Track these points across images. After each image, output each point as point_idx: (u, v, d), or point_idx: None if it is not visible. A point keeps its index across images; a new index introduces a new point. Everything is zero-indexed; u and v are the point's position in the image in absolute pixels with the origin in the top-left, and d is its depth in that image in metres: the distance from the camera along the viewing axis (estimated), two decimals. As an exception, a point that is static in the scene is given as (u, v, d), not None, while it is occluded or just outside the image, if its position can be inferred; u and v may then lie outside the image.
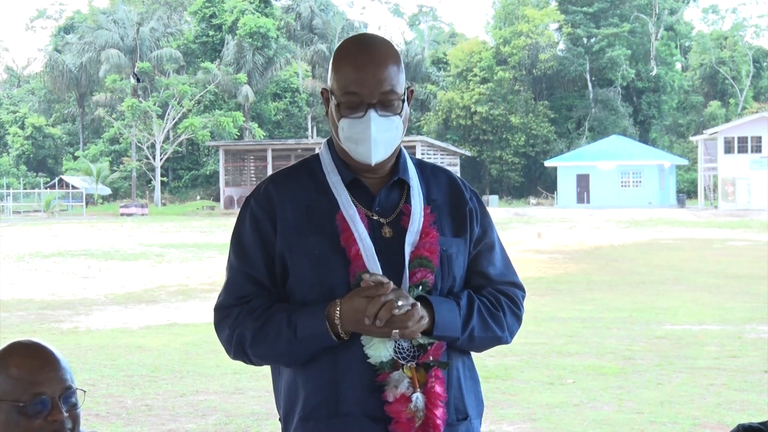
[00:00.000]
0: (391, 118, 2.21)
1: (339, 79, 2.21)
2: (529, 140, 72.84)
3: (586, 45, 77.00)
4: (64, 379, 2.23)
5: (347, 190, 2.25)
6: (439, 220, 2.27)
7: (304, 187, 2.28)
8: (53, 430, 2.19)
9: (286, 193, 2.28)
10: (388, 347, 2.16)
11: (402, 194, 2.28)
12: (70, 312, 13.92)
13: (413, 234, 2.22)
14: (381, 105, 2.20)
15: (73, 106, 78.08)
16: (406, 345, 2.17)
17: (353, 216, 2.21)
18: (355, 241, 2.19)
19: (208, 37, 72.30)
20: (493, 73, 73.06)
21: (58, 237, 32.29)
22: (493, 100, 72.57)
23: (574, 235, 31.94)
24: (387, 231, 2.23)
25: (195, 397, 7.92)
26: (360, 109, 2.19)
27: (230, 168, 63.59)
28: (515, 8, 75.41)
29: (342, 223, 2.21)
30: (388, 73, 2.21)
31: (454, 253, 2.27)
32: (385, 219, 2.25)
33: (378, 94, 2.19)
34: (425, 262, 2.21)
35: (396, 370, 2.16)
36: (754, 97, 79.75)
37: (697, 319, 12.54)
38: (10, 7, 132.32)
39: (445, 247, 2.25)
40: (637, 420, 7.07)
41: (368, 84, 2.19)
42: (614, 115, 74.58)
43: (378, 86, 2.19)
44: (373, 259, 2.17)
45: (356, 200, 2.24)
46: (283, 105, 74.88)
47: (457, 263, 2.27)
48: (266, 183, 2.31)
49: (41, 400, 2.18)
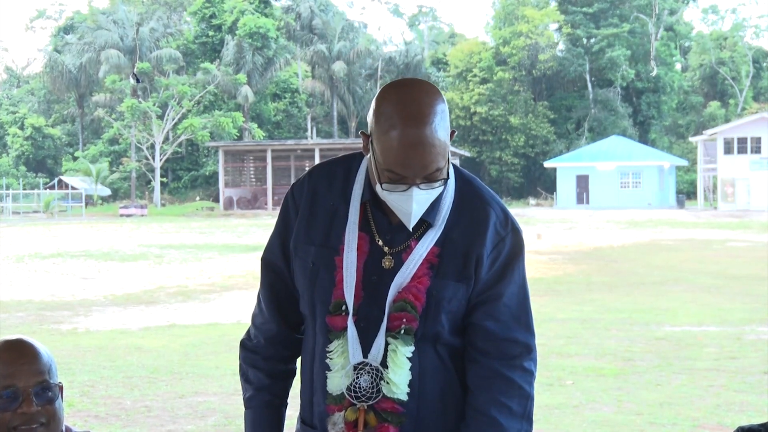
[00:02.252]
0: (433, 190, 2.10)
1: (382, 148, 2.07)
2: (529, 141, 72.85)
3: (586, 45, 77.01)
4: (39, 373, 2.22)
5: (368, 207, 2.19)
6: (446, 261, 2.14)
7: (333, 188, 2.25)
8: (23, 422, 2.18)
9: (314, 190, 2.26)
10: (344, 382, 2.13)
11: (419, 228, 2.16)
12: (69, 313, 13.91)
13: (404, 275, 2.13)
14: (425, 181, 2.08)
15: (73, 106, 78.05)
16: (364, 384, 2.11)
17: (351, 240, 2.16)
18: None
19: (208, 38, 72.29)
20: (493, 73, 73.07)
21: (57, 238, 32.28)
22: (493, 101, 72.58)
23: (574, 235, 31.93)
24: (387, 262, 2.16)
25: (194, 399, 7.91)
26: (402, 184, 2.08)
27: (230, 168, 63.56)
28: (515, 9, 75.43)
29: (344, 242, 2.18)
30: (435, 153, 2.05)
31: (447, 297, 2.13)
32: (389, 248, 2.17)
33: (422, 176, 2.07)
34: (408, 308, 2.11)
35: (341, 408, 2.13)
36: (754, 97, 79.76)
37: (697, 320, 12.54)
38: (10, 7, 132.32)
39: (437, 290, 2.13)
40: (637, 421, 7.07)
41: (413, 168, 2.05)
42: (614, 116, 74.58)
43: (423, 170, 2.06)
44: (351, 290, 2.13)
45: (372, 220, 2.19)
46: (282, 105, 74.87)
47: (447, 308, 2.14)
48: (307, 174, 2.30)
49: (11, 392, 2.19)
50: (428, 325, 2.13)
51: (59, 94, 78.15)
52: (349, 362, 2.12)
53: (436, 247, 2.15)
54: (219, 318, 13.29)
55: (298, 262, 2.23)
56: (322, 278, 2.18)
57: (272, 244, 2.33)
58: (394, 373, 2.11)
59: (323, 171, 2.29)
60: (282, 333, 2.33)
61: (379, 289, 2.14)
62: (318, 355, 2.20)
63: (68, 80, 73.60)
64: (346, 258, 2.15)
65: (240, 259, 23.14)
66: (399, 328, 2.11)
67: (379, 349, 2.12)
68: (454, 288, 2.15)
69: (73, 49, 74.23)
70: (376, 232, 2.18)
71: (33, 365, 2.23)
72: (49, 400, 2.22)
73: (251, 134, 68.86)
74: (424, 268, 2.13)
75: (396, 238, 2.17)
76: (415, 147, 2.04)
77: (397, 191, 2.08)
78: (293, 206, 2.28)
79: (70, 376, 8.66)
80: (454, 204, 2.19)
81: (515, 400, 2.15)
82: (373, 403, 2.11)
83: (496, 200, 2.23)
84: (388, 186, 2.08)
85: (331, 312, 2.16)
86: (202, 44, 72.65)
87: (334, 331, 2.15)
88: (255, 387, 2.36)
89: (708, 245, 27.11)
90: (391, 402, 2.11)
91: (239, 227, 38.98)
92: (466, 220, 2.18)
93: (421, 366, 2.14)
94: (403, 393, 2.11)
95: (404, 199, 2.08)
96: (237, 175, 64.93)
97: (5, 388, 2.19)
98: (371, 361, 2.12)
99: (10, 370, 2.21)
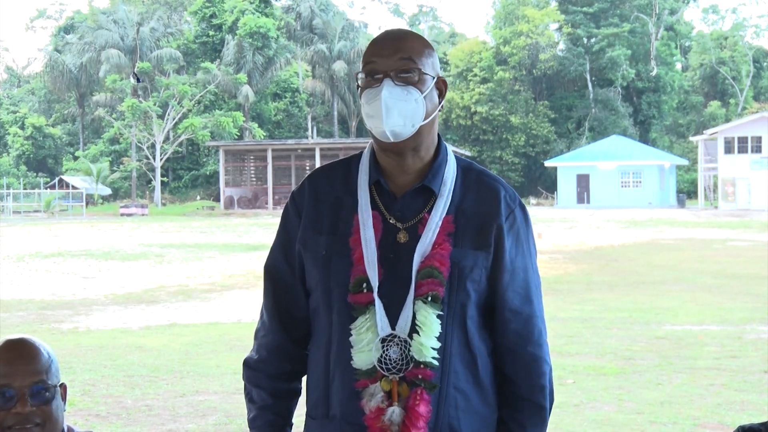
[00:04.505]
0: (407, 88, 2.17)
1: (363, 57, 2.23)
2: (529, 140, 72.85)
3: (586, 45, 77.01)
4: (36, 373, 2.22)
5: (373, 191, 2.24)
6: (461, 231, 2.19)
7: (335, 184, 2.29)
8: (17, 422, 2.18)
9: (317, 189, 2.30)
10: (374, 355, 2.14)
11: (428, 201, 2.22)
12: (70, 312, 13.92)
13: (425, 244, 2.16)
14: (398, 74, 2.17)
15: (73, 106, 78.06)
16: (394, 356, 2.13)
17: (366, 219, 2.19)
18: (361, 243, 2.17)
19: (208, 37, 72.30)
20: (493, 73, 73.08)
21: (58, 237, 32.29)
22: (493, 100, 72.59)
23: (574, 235, 31.92)
24: (402, 236, 2.19)
25: (195, 398, 7.92)
26: (377, 81, 2.18)
27: (230, 168, 63.56)
28: (515, 8, 75.42)
29: (356, 225, 2.20)
30: (407, 44, 2.20)
31: (468, 266, 2.18)
32: (402, 224, 2.21)
33: (395, 61, 2.18)
34: (435, 273, 2.15)
35: (374, 380, 2.13)
36: (754, 97, 79.77)
37: (697, 320, 12.54)
38: (10, 7, 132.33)
39: (458, 259, 2.17)
40: (637, 420, 7.07)
41: (384, 52, 2.19)
42: (614, 115, 74.57)
43: (395, 53, 2.18)
44: (374, 265, 2.15)
45: (379, 201, 2.23)
46: (283, 105, 74.87)
47: (471, 277, 2.18)
48: (306, 179, 2.35)
49: (5, 391, 2.19)
50: (453, 293, 2.16)
51: (60, 94, 78.18)
52: (377, 336, 2.13)
53: (450, 216, 2.20)
54: (220, 317, 13.29)
55: (308, 255, 2.24)
56: (336, 263, 2.19)
57: (275, 251, 2.34)
58: (425, 336, 2.13)
59: (322, 172, 2.34)
60: (285, 345, 2.32)
61: (397, 264, 2.17)
62: (336, 339, 2.19)
63: (69, 80, 73.63)
64: (363, 235, 2.17)
65: (240, 258, 23.15)
66: (426, 294, 2.14)
67: (406, 321, 2.14)
68: (473, 256, 2.18)
69: (73, 48, 74.25)
70: (385, 210, 2.22)
71: (30, 366, 2.22)
72: (45, 401, 2.22)
73: (252, 134, 68.87)
74: (442, 236, 2.17)
75: (406, 213, 2.21)
76: (389, 34, 2.24)
77: (373, 88, 2.17)
78: (294, 211, 2.30)
79: (71, 375, 8.66)
80: (459, 178, 2.25)
81: (546, 377, 2.27)
82: (403, 375, 2.13)
83: (500, 178, 2.32)
84: (366, 87, 2.18)
85: (352, 290, 2.16)
86: (203, 44, 72.66)
87: (359, 307, 2.16)
88: (258, 407, 2.34)
89: (708, 244, 27.11)
90: (422, 369, 2.13)
91: (240, 227, 38.98)
92: (474, 194, 2.25)
93: (447, 337, 2.16)
94: (433, 357, 2.13)
95: (376, 93, 2.16)
96: (237, 174, 64.94)
97: (1, 387, 2.19)
98: (399, 332, 2.13)
99: (7, 370, 2.21)
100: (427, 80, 2.20)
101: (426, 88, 2.20)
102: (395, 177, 2.24)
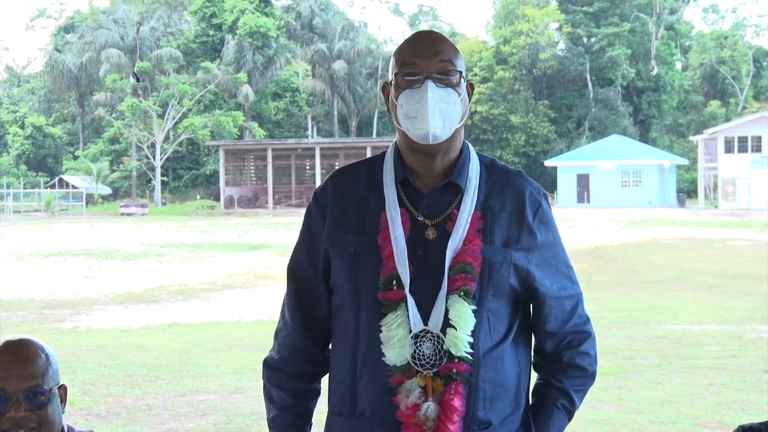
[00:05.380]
0: (448, 90, 2.20)
1: (398, 57, 2.24)
2: (530, 140, 72.83)
3: (587, 44, 76.99)
4: (31, 377, 2.21)
5: (399, 189, 2.24)
6: (489, 227, 2.22)
7: (359, 183, 2.29)
8: (11, 427, 2.18)
9: (340, 188, 2.30)
10: (407, 351, 2.14)
11: (455, 197, 2.24)
12: (70, 311, 13.92)
13: (456, 240, 2.18)
14: (438, 76, 2.20)
15: (73, 105, 78.04)
16: (427, 352, 2.14)
17: (395, 216, 2.20)
18: (390, 241, 2.18)
19: (208, 37, 72.28)
20: (493, 72, 73.06)
21: (58, 236, 32.28)
22: (493, 100, 72.57)
23: (575, 234, 31.92)
24: (431, 233, 2.20)
25: (195, 397, 7.92)
26: (418, 82, 2.19)
27: (230, 168, 63.55)
28: (515, 8, 75.41)
29: (383, 222, 2.21)
30: (445, 46, 2.24)
31: (498, 262, 2.20)
32: (431, 221, 2.22)
33: (435, 63, 2.20)
34: (468, 269, 2.16)
35: (410, 376, 2.14)
36: (755, 96, 79.74)
37: (698, 319, 12.54)
38: (10, 7, 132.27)
39: (489, 255, 2.19)
40: (637, 420, 7.07)
41: (425, 54, 2.21)
42: (614, 115, 74.55)
43: (435, 55, 2.21)
44: (404, 261, 2.16)
45: (406, 199, 2.23)
46: (283, 104, 74.84)
47: (500, 273, 2.20)
48: (328, 178, 2.35)
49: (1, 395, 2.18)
50: (484, 289, 2.19)
51: (60, 94, 78.14)
52: (410, 331, 2.14)
53: (477, 212, 2.22)
54: (220, 316, 13.30)
55: (336, 253, 2.24)
56: (365, 261, 2.20)
57: (298, 252, 2.34)
58: (461, 331, 2.14)
59: (345, 171, 2.35)
60: (306, 346, 2.32)
61: (427, 261, 2.18)
62: (365, 337, 2.19)
63: (69, 79, 73.60)
64: (392, 232, 2.18)
65: (241, 257, 23.15)
66: (459, 289, 2.16)
67: (439, 316, 2.15)
68: (503, 253, 2.21)
69: (73, 48, 74.22)
70: (412, 207, 2.23)
71: (25, 369, 2.21)
72: (39, 405, 2.21)
73: (252, 133, 68.85)
74: (472, 232, 2.19)
75: (433, 210, 2.23)
76: (426, 35, 2.27)
77: (414, 88, 2.19)
78: (318, 211, 2.30)
79: (71, 374, 8.66)
80: (483, 175, 2.28)
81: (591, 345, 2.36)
82: (437, 370, 2.14)
83: (523, 173, 2.35)
84: (405, 85, 2.20)
85: (382, 287, 2.17)
86: (203, 43, 72.64)
87: (389, 304, 2.16)
88: (279, 407, 2.35)
89: (708, 244, 27.11)
90: (456, 363, 2.14)
91: (240, 226, 38.98)
92: (500, 190, 2.27)
93: (477, 331, 2.18)
94: (467, 351, 2.15)
95: (420, 95, 2.18)
96: (237, 174, 64.93)
97: None
98: (432, 328, 2.14)
99: (3, 373, 2.20)
100: (462, 83, 2.24)
101: (462, 90, 2.24)
102: (422, 175, 2.26)
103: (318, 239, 2.28)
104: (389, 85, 2.27)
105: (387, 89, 2.29)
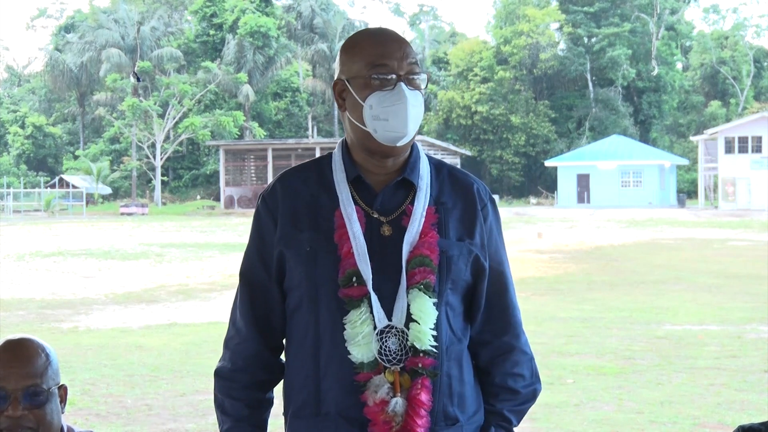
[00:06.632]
0: (416, 93, 2.20)
1: (362, 56, 2.19)
2: (530, 140, 72.81)
3: (587, 45, 76.98)
4: (31, 376, 2.21)
5: (351, 187, 2.23)
6: (444, 222, 2.22)
7: (309, 183, 2.27)
8: (9, 426, 2.18)
9: (290, 190, 2.27)
10: (374, 347, 2.13)
11: (408, 194, 2.23)
12: (70, 311, 13.92)
13: (412, 233, 2.17)
14: (407, 78, 2.19)
15: (74, 105, 78.08)
16: (393, 347, 2.13)
17: (350, 213, 2.18)
18: (348, 238, 2.16)
19: (209, 37, 72.30)
20: (494, 72, 73.03)
21: (58, 236, 32.29)
22: (494, 100, 72.55)
23: (575, 234, 31.92)
24: (386, 229, 2.19)
25: (195, 397, 7.92)
26: (390, 84, 2.17)
27: (230, 167, 63.55)
28: (516, 8, 75.39)
29: (338, 220, 2.19)
30: (410, 48, 2.22)
31: (455, 255, 2.20)
32: (385, 218, 2.20)
33: (405, 65, 2.19)
34: (426, 261, 2.15)
35: (377, 372, 2.12)
36: (755, 96, 79.72)
37: (698, 319, 12.54)
38: (10, 7, 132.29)
39: (445, 248, 2.19)
40: (637, 420, 7.07)
41: (396, 55, 2.18)
42: (615, 115, 74.53)
43: (405, 58, 2.19)
44: (365, 258, 2.15)
45: (359, 198, 2.22)
46: (283, 104, 74.86)
47: (458, 266, 2.21)
48: (275, 180, 2.32)
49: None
50: (442, 282, 2.19)
51: (60, 93, 78.17)
52: (375, 328, 2.13)
53: (432, 207, 2.22)
54: (220, 316, 13.28)
55: (292, 253, 2.21)
56: (322, 259, 2.18)
57: (250, 256, 2.32)
58: (424, 324, 2.14)
59: (294, 172, 2.32)
60: (261, 353, 2.28)
61: (384, 257, 2.17)
62: (327, 335, 2.17)
63: (69, 79, 73.61)
64: (350, 230, 2.16)
65: (240, 257, 23.10)
66: (419, 282, 2.15)
67: (402, 311, 2.14)
68: (458, 246, 2.21)
69: (74, 47, 74.24)
70: (366, 205, 2.22)
71: (24, 369, 2.21)
72: (38, 404, 2.20)
73: (252, 133, 68.87)
74: (428, 226, 2.19)
75: (387, 207, 2.22)
76: (391, 34, 2.24)
77: (386, 90, 2.16)
78: (267, 214, 2.26)
79: (71, 374, 8.66)
80: (433, 174, 2.28)
81: (523, 366, 2.31)
82: (403, 365, 2.13)
83: (470, 174, 2.35)
84: (378, 88, 2.16)
85: (342, 284, 2.15)
86: (203, 43, 72.66)
87: (351, 301, 2.14)
88: (233, 419, 2.27)
89: (709, 244, 27.11)
90: (421, 357, 2.14)
91: (240, 226, 38.97)
92: (450, 187, 2.27)
93: (440, 323, 2.18)
94: (432, 344, 2.15)
95: (396, 98, 2.16)
96: (238, 174, 64.91)
97: None
98: (396, 323, 2.14)
99: (2, 372, 2.20)
100: (423, 84, 2.24)
101: (424, 92, 2.24)
102: (374, 173, 2.24)
103: (270, 242, 2.25)
104: (345, 82, 2.22)
105: (341, 86, 2.24)
